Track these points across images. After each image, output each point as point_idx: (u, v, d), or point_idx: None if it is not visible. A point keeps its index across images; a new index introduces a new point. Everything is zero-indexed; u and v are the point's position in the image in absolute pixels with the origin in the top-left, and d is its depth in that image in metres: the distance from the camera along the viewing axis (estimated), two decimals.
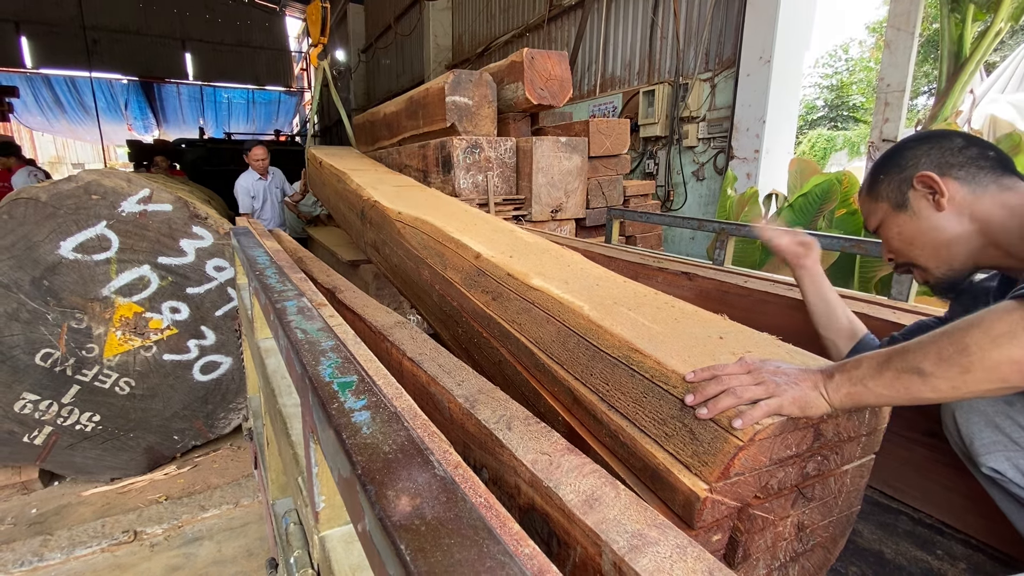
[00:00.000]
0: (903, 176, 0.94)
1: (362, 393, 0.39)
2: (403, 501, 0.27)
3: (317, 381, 0.41)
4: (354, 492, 0.30)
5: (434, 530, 0.25)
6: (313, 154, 3.66)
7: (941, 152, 0.91)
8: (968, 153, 0.90)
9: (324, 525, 0.46)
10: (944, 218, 0.90)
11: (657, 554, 0.43)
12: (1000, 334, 0.58)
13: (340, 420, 0.35)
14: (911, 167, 0.93)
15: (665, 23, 4.82)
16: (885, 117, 3.36)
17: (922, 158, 0.92)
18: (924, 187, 0.91)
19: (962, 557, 1.05)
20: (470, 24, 8.86)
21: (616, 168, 3.15)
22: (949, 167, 0.90)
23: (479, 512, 0.26)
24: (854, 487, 0.92)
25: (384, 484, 0.28)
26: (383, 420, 0.35)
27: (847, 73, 17.15)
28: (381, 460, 0.31)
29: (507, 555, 0.23)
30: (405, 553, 0.23)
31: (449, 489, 0.28)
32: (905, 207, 0.93)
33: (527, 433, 0.63)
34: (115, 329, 2.45)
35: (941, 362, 0.61)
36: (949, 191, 0.89)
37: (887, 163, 0.98)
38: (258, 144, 4.56)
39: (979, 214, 0.88)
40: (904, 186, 0.93)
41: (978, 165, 0.89)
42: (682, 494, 0.69)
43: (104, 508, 2.44)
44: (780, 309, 1.36)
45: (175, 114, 16.78)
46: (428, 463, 0.31)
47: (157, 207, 2.42)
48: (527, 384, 1.05)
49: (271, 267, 0.85)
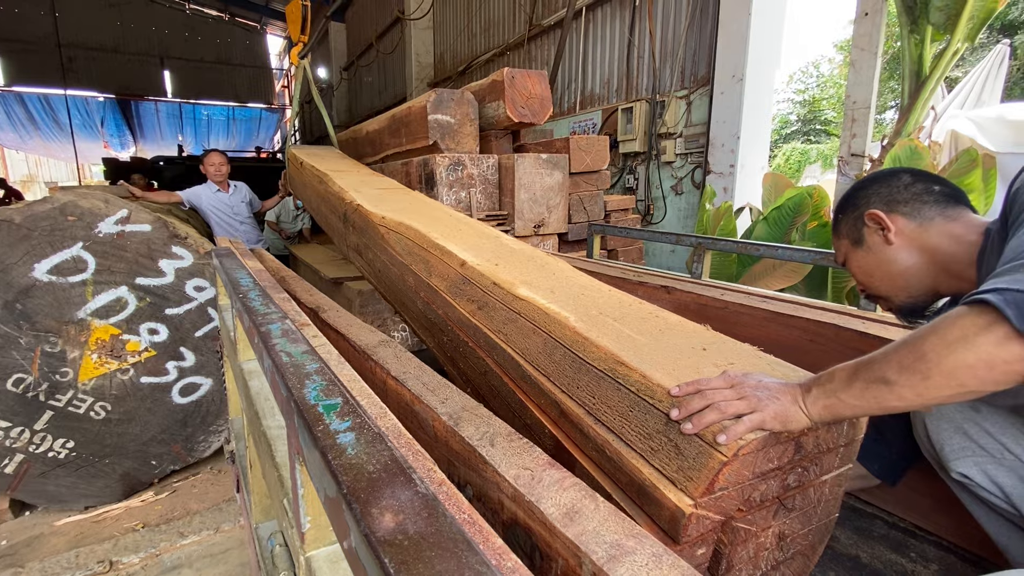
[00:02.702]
0: (857, 214, 1.01)
1: (347, 415, 0.40)
2: (387, 518, 0.28)
3: (302, 404, 0.42)
4: (340, 511, 0.31)
5: (416, 544, 0.26)
6: (294, 154, 3.51)
7: (888, 190, 0.98)
8: (913, 189, 0.97)
9: (310, 545, 0.47)
10: (895, 251, 0.96)
11: (634, 563, 0.45)
12: (954, 340, 0.60)
13: (326, 442, 0.36)
14: (863, 206, 1.00)
15: (641, 43, 4.96)
16: (853, 132, 3.49)
17: (872, 197, 1.00)
18: (874, 223, 0.98)
19: (934, 559, 1.09)
20: (451, 43, 8.99)
21: (597, 183, 3.21)
22: (896, 203, 0.97)
23: (459, 526, 0.27)
24: (832, 496, 0.94)
25: (369, 502, 0.30)
26: (367, 441, 0.37)
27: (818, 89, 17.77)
28: (366, 479, 0.32)
29: (485, 565, 0.25)
30: (389, 566, 0.24)
31: (431, 505, 0.30)
32: (861, 243, 1.01)
33: (510, 449, 0.65)
34: (91, 352, 2.39)
35: (903, 370, 0.63)
36: (896, 226, 0.95)
37: (844, 204, 1.06)
38: (214, 150, 4.13)
39: (927, 245, 0.94)
40: (859, 223, 1.01)
41: (922, 200, 0.96)
42: (668, 510, 0.70)
43: (78, 538, 2.35)
44: (756, 321, 1.40)
45: (153, 131, 16.59)
46: (411, 481, 0.32)
47: (135, 227, 2.39)
48: (513, 396, 1.06)
49: (254, 289, 0.86)
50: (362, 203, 1.94)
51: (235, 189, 4.20)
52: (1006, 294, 0.58)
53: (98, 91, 15.39)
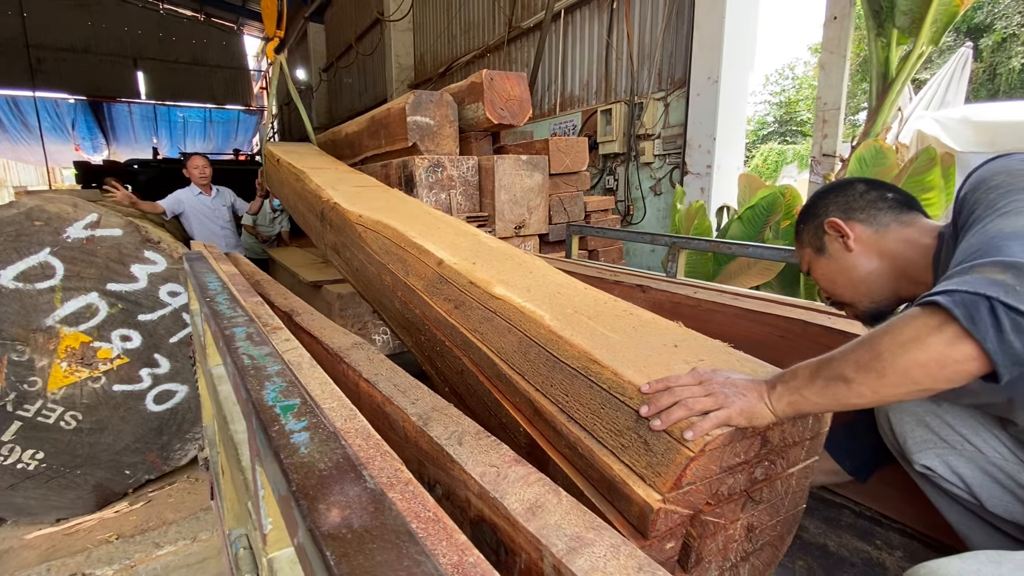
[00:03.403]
0: (817, 223, 1.03)
1: (303, 415, 0.41)
2: (333, 513, 0.29)
3: (259, 405, 0.42)
4: (290, 508, 0.32)
5: (359, 537, 0.27)
6: (271, 151, 3.46)
7: (845, 198, 1.01)
8: (868, 197, 0.99)
9: (272, 547, 0.47)
10: (855, 257, 0.98)
11: (592, 554, 0.46)
12: (907, 339, 0.62)
13: (280, 442, 0.36)
14: (822, 215, 1.02)
15: (619, 45, 5.02)
16: (824, 133, 3.58)
17: (830, 206, 1.02)
18: (834, 231, 1.00)
19: (899, 546, 1.12)
20: (432, 44, 8.97)
21: (576, 184, 3.23)
22: (852, 211, 0.99)
23: (403, 519, 0.28)
24: (799, 487, 0.97)
25: (316, 499, 0.30)
26: (321, 440, 0.37)
27: (794, 91, 18.15)
28: (316, 477, 0.32)
29: (424, 555, 0.25)
30: (330, 558, 0.25)
31: (378, 500, 0.30)
32: (823, 251, 1.02)
33: (477, 447, 0.65)
34: (60, 360, 2.33)
35: (860, 368, 0.65)
36: (855, 232, 0.98)
37: (805, 214, 1.08)
38: (198, 154, 4.22)
39: (885, 250, 0.96)
40: (819, 232, 1.03)
41: (877, 207, 0.98)
42: (637, 505, 0.71)
43: (49, 551, 2.29)
44: (728, 318, 1.43)
45: (126, 134, 16.20)
46: (360, 477, 0.33)
47: (106, 232, 2.34)
48: (489, 394, 1.07)
49: (222, 292, 0.85)
50: (339, 201, 1.93)
51: (217, 193, 4.21)
52: (955, 295, 0.59)
53: (68, 93, 14.98)
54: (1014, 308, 0.56)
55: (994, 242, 0.65)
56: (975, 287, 0.58)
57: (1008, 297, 0.56)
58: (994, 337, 0.56)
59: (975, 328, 0.57)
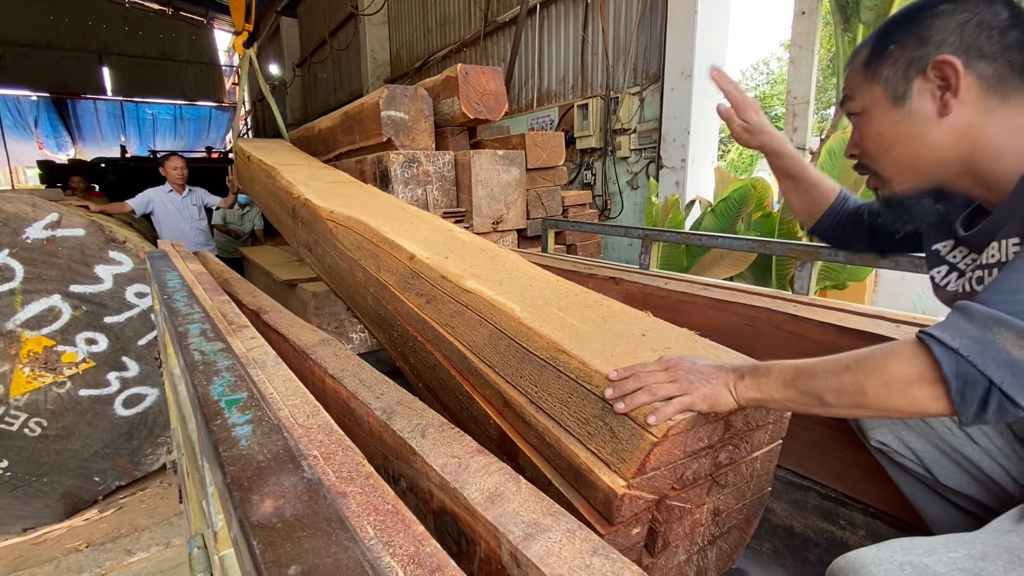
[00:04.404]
0: (921, 54, 0.69)
1: (248, 409, 0.40)
2: (267, 504, 0.29)
3: (205, 400, 0.42)
4: (226, 500, 0.31)
5: (290, 526, 0.27)
6: (241, 148, 3.40)
7: (978, 29, 0.65)
8: (1008, 38, 0.64)
9: (223, 544, 0.46)
10: (941, 128, 0.69)
11: (548, 540, 0.47)
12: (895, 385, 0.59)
13: (220, 435, 0.36)
14: (935, 43, 0.67)
15: (595, 40, 5.03)
16: (794, 126, 3.65)
17: (951, 35, 0.66)
18: (939, 79, 0.67)
19: (861, 525, 1.16)
20: (407, 39, 8.87)
21: (554, 179, 3.24)
22: (978, 55, 0.65)
23: (336, 507, 0.28)
24: (764, 471, 0.99)
25: (251, 490, 0.30)
26: (263, 432, 0.37)
27: (768, 86, 18.46)
28: (253, 468, 0.32)
29: (352, 541, 0.25)
30: (255, 548, 0.25)
31: (313, 489, 0.30)
32: (904, 100, 0.71)
33: (440, 439, 0.65)
34: (22, 366, 2.25)
35: (840, 396, 0.64)
36: (966, 90, 0.66)
37: (906, 26, 0.71)
38: (175, 154, 4.28)
39: (984, 131, 0.67)
40: (913, 71, 0.69)
41: (1011, 59, 0.65)
42: (602, 492, 0.72)
43: (16, 561, 2.22)
44: (697, 308, 1.45)
45: (92, 132, 15.67)
46: (299, 468, 0.32)
47: (67, 232, 2.27)
48: (461, 388, 1.07)
49: (181, 290, 0.83)
50: (311, 197, 1.90)
51: (189, 192, 4.21)
52: (960, 362, 0.55)
53: (30, 90, 14.43)
54: (1010, 398, 0.53)
55: None
56: (984, 364, 0.54)
57: (1009, 386, 0.53)
58: (974, 414, 0.55)
59: (961, 403, 0.55)
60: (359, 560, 0.24)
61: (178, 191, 4.12)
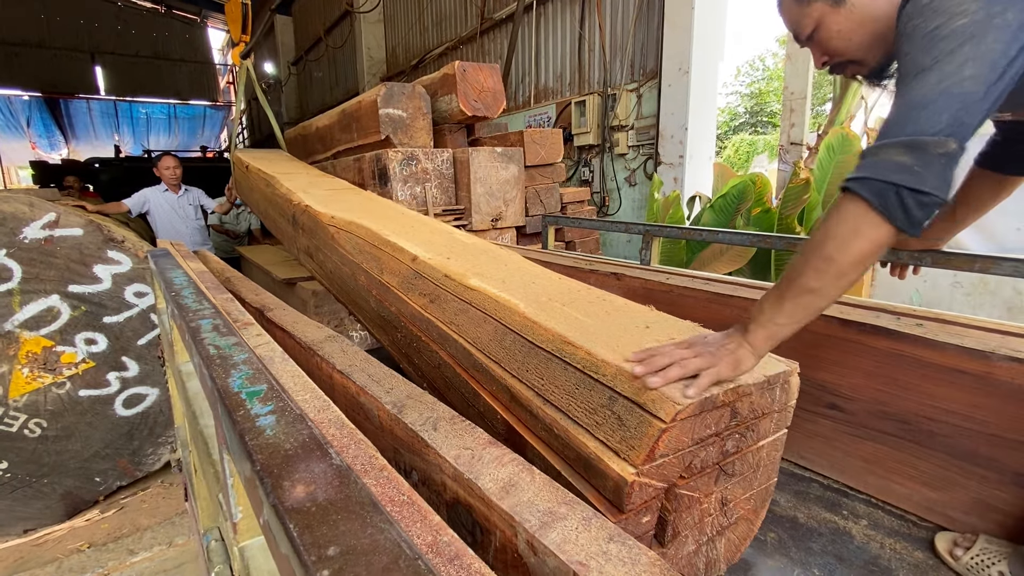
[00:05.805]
0: None
1: (269, 400, 0.40)
2: (298, 489, 0.29)
3: (225, 392, 0.42)
4: (255, 488, 0.32)
5: (324, 509, 0.27)
6: (239, 158, 3.44)
7: None
8: None
9: (243, 535, 0.46)
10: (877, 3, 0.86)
11: (565, 527, 0.47)
12: (847, 235, 0.70)
13: (244, 425, 0.36)
14: None
15: (591, 36, 5.03)
16: (791, 122, 3.66)
17: None
18: None
19: (864, 515, 1.17)
20: (403, 36, 8.84)
21: (552, 176, 3.24)
22: None
23: (368, 491, 0.28)
24: (770, 460, 1.00)
25: (281, 476, 0.30)
26: (287, 422, 0.37)
27: (764, 82, 18.49)
28: (281, 456, 0.32)
29: (387, 523, 0.26)
30: (293, 531, 0.25)
31: (343, 475, 0.30)
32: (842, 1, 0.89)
33: (452, 432, 0.66)
34: (21, 367, 2.25)
35: (820, 275, 0.73)
36: None
37: None
38: (168, 154, 4.24)
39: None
40: None
41: None
42: (612, 480, 0.73)
43: (18, 563, 2.21)
44: (699, 302, 1.46)
45: (86, 131, 15.56)
46: (326, 455, 0.33)
47: (65, 232, 2.26)
48: (467, 385, 1.07)
49: (188, 287, 0.83)
50: (311, 204, 1.91)
51: (185, 191, 4.19)
52: (870, 184, 0.69)
53: (22, 89, 14.31)
54: (915, 190, 0.67)
55: (909, 115, 0.71)
56: (884, 174, 0.69)
57: (908, 182, 0.67)
58: (903, 218, 0.68)
59: (888, 213, 0.68)
60: (396, 541, 0.24)
61: (173, 190, 4.10)
